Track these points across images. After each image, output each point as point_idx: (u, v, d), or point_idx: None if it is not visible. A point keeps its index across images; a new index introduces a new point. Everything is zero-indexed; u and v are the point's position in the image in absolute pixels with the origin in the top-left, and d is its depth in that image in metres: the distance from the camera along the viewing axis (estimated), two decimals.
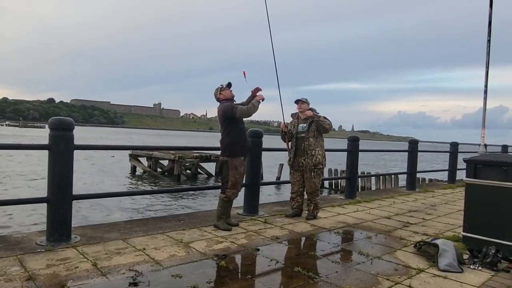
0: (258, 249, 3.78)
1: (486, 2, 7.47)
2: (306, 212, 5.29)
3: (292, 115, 5.38)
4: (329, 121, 5.07)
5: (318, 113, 5.17)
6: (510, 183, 3.77)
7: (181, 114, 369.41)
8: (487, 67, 7.56)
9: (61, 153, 3.60)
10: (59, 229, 3.63)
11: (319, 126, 5.02)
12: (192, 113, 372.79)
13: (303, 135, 5.07)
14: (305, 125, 5.11)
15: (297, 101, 5.23)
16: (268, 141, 6.48)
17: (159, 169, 19.63)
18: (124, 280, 2.86)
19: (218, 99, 4.52)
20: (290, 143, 5.26)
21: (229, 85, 4.48)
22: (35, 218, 9.45)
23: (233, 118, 4.34)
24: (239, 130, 4.41)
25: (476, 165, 4.01)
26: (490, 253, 3.54)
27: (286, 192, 15.19)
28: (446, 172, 10.94)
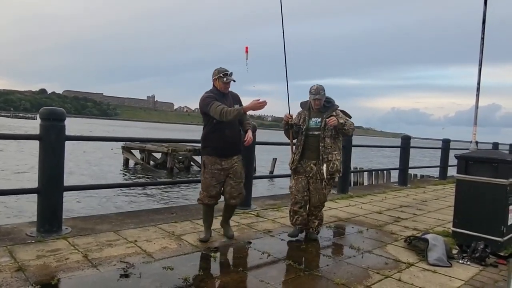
0: (250, 242, 3.79)
1: (481, 1, 7.50)
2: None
3: (302, 105, 4.11)
4: (351, 122, 3.96)
5: (337, 110, 3.96)
6: (500, 180, 3.82)
7: (175, 107, 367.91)
8: (480, 65, 7.62)
9: (52, 144, 3.57)
10: (49, 220, 3.60)
11: (342, 134, 3.93)
12: (186, 106, 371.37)
13: (317, 133, 3.85)
14: (319, 120, 3.88)
15: (315, 94, 3.88)
16: (262, 135, 6.48)
17: (152, 162, 19.55)
18: (115, 272, 2.85)
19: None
20: (295, 141, 4.07)
21: (227, 75, 3.63)
22: (26, 209, 9.37)
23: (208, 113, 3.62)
24: (213, 127, 3.63)
25: (467, 162, 4.06)
26: (479, 248, 3.59)
27: (279, 186, 15.25)
28: (438, 169, 11.04)
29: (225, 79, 3.61)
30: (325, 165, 3.80)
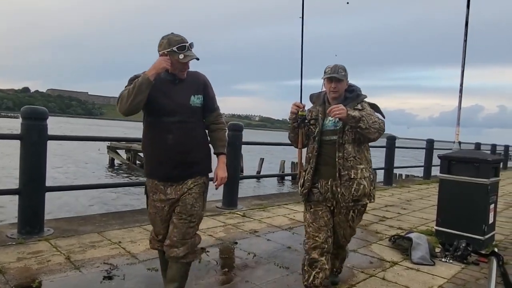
0: (236, 243, 3.78)
1: (464, 2, 7.64)
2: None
3: (313, 98, 2.76)
4: (380, 119, 2.55)
5: (364, 102, 2.62)
6: (481, 179, 3.90)
7: None
8: (463, 67, 7.76)
9: (33, 144, 3.49)
10: (31, 221, 3.53)
11: (361, 136, 2.50)
12: None
13: (334, 137, 2.53)
14: (337, 118, 2.46)
15: (331, 72, 2.53)
16: (249, 135, 6.47)
17: (138, 162, 19.36)
18: (98, 274, 2.81)
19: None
20: (303, 152, 2.74)
21: (184, 49, 2.18)
22: (8, 210, 9.16)
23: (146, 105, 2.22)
24: (148, 128, 2.31)
25: (450, 162, 4.13)
26: (461, 247, 3.66)
27: (265, 186, 15.28)
28: (422, 168, 11.21)
29: (181, 56, 2.15)
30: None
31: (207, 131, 2.42)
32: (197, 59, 2.21)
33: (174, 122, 2.21)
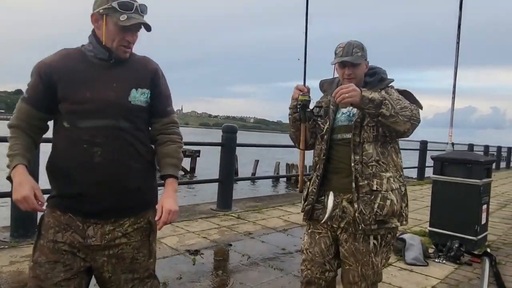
0: (231, 245, 3.78)
1: (457, 5, 7.72)
2: None
3: (324, 85, 2.10)
4: (414, 106, 1.79)
5: (389, 88, 1.92)
6: (474, 180, 3.94)
7: None
8: (456, 68, 7.84)
9: None
10: (24, 224, 3.50)
11: (386, 130, 1.78)
12: None
13: (348, 136, 1.88)
14: (354, 110, 1.89)
15: (343, 54, 1.87)
16: (244, 137, 6.48)
17: None
18: None
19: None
20: (313, 155, 2.06)
21: (125, 6, 1.43)
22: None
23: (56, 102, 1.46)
24: (64, 142, 1.46)
25: (443, 163, 4.16)
26: (454, 247, 3.69)
27: (260, 188, 15.28)
28: (416, 169, 11.28)
29: (123, 17, 1.42)
30: (331, 196, 1.89)
31: (153, 141, 1.60)
32: (148, 26, 1.46)
33: (102, 128, 1.41)
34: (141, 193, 1.52)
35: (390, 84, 1.93)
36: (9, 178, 1.39)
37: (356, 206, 1.81)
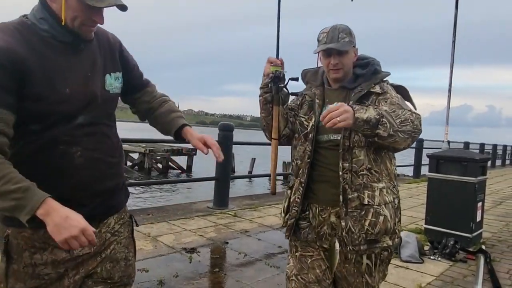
0: (227, 243, 3.78)
1: (453, 4, 7.75)
2: None
3: (307, 76, 1.78)
4: (414, 113, 1.53)
5: (385, 83, 1.64)
6: (469, 178, 3.96)
7: None
8: (452, 67, 7.87)
9: None
10: None
11: (382, 146, 1.53)
12: None
13: (336, 137, 1.58)
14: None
15: (327, 41, 1.58)
16: (241, 135, 6.48)
17: (129, 163, 19.25)
18: None
19: None
20: (293, 157, 1.74)
21: None
22: None
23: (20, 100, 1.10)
24: (47, 140, 1.14)
25: (438, 161, 4.18)
26: (449, 244, 3.71)
27: (257, 186, 15.29)
28: (412, 167, 11.33)
29: None
30: (337, 245, 1.54)
31: (149, 113, 1.49)
32: (123, 6, 1.16)
33: (80, 126, 1.18)
34: (121, 187, 1.38)
35: (386, 79, 1.66)
36: (30, 219, 1.01)
37: (343, 223, 1.55)
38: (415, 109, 1.65)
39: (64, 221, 1.03)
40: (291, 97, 1.75)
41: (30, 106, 1.09)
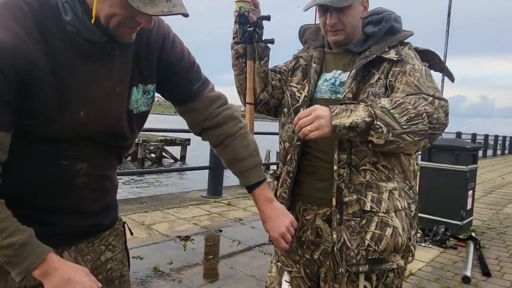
0: (221, 231, 3.81)
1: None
2: None
3: (306, 34, 1.38)
4: (439, 98, 1.06)
5: (406, 47, 1.21)
6: (460, 166, 4.01)
7: None
8: (445, 56, 7.92)
9: None
10: None
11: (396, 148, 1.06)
12: (157, 96, 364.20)
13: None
14: (344, 76, 1.21)
15: (324, 8, 1.18)
16: None
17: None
18: None
19: None
20: (281, 137, 1.36)
21: None
22: None
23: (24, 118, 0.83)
24: (46, 157, 0.88)
25: (430, 149, 4.22)
26: (440, 232, 3.77)
27: None
28: None
29: None
30: (286, 276, 1.37)
31: (205, 137, 1.17)
32: (186, 15, 0.83)
33: (90, 143, 0.94)
34: (114, 200, 1.15)
35: (407, 40, 1.23)
36: (23, 278, 0.82)
37: (335, 235, 1.17)
38: (451, 79, 1.29)
39: (66, 284, 0.84)
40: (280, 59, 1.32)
41: (30, 123, 0.83)
